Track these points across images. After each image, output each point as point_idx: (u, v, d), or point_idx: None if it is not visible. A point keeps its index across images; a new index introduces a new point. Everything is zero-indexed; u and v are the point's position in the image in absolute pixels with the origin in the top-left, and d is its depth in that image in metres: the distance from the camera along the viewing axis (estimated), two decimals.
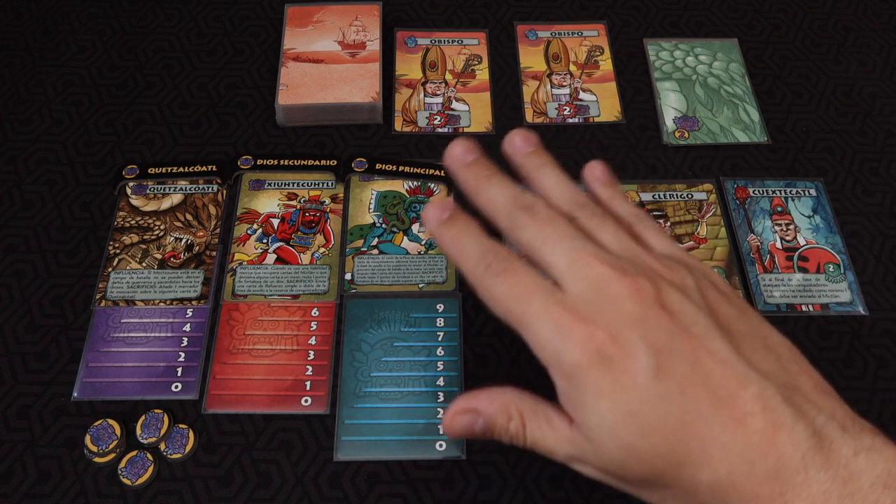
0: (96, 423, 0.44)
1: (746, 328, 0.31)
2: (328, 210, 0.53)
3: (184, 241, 0.52)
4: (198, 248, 0.51)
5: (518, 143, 0.37)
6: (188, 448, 0.44)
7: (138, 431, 0.44)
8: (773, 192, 0.54)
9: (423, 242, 0.52)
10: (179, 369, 0.47)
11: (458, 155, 0.36)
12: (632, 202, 0.36)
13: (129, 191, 0.54)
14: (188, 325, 0.48)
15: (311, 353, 0.47)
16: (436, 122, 0.58)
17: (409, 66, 0.61)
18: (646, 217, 0.35)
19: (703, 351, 0.29)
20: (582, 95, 0.59)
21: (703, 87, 0.60)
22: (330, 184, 0.54)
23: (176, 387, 0.46)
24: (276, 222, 0.53)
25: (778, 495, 0.27)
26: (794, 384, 0.29)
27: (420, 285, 0.50)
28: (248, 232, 0.52)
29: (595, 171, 0.37)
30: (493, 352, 0.48)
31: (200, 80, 0.60)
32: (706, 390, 0.28)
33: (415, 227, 0.52)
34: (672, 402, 0.28)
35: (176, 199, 0.54)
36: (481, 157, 0.36)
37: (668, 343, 0.29)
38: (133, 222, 0.52)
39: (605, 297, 0.29)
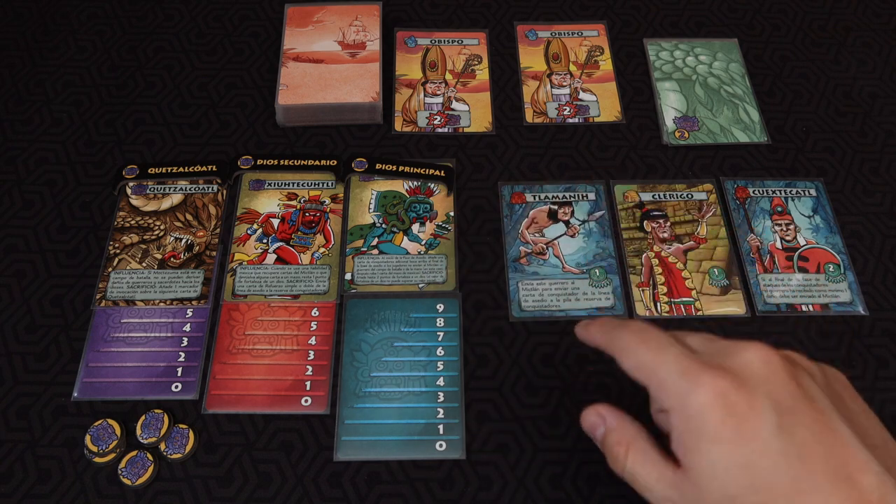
0: (96, 423, 0.44)
1: (869, 426, 0.32)
2: (328, 210, 0.53)
3: (184, 241, 0.52)
4: (198, 248, 0.51)
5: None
6: (188, 448, 0.44)
7: (138, 431, 0.44)
8: (773, 192, 0.54)
9: (423, 242, 0.52)
10: (179, 369, 0.47)
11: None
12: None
13: (129, 191, 0.54)
14: (188, 325, 0.48)
15: (311, 353, 0.47)
16: (436, 122, 0.58)
17: (409, 66, 0.61)
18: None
19: (826, 426, 0.29)
20: (582, 95, 0.59)
21: (703, 87, 0.60)
22: (330, 184, 0.54)
23: (176, 387, 0.46)
24: (276, 222, 0.53)
25: None
26: None
27: (420, 285, 0.50)
28: (248, 232, 0.52)
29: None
30: (493, 352, 0.48)
31: (200, 80, 0.60)
32: (825, 463, 0.28)
33: (415, 227, 0.52)
34: (790, 463, 0.28)
35: (176, 199, 0.54)
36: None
37: (793, 406, 0.29)
38: (133, 222, 0.52)
39: (736, 355, 0.31)
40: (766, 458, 0.29)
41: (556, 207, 0.53)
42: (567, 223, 0.53)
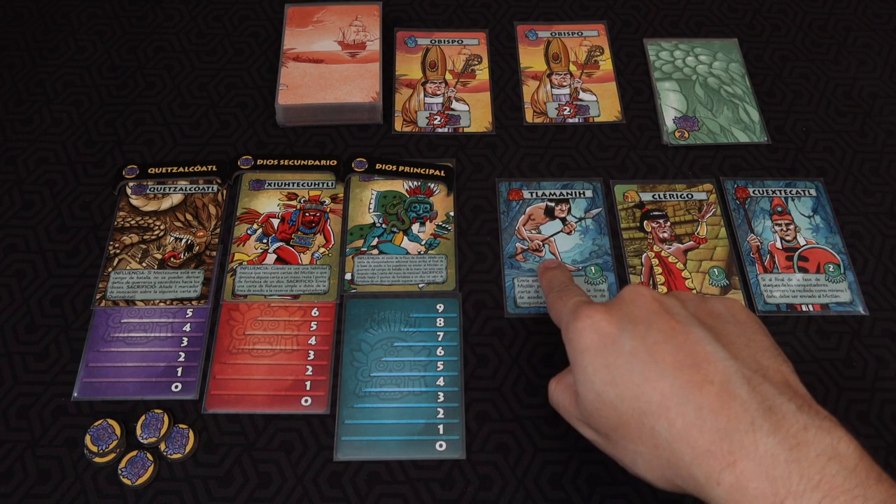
0: (96, 423, 0.44)
1: (735, 330, 0.36)
2: (328, 210, 0.53)
3: (184, 241, 0.52)
4: (198, 248, 0.51)
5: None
6: (188, 448, 0.44)
7: (138, 431, 0.44)
8: (773, 192, 0.54)
9: (423, 242, 0.52)
10: (179, 369, 0.47)
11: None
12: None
13: (129, 191, 0.54)
14: (188, 325, 0.48)
15: (311, 353, 0.47)
16: (436, 122, 0.58)
17: (409, 66, 0.61)
18: None
19: (680, 331, 0.34)
20: (582, 95, 0.59)
21: (703, 87, 0.60)
22: (330, 184, 0.54)
23: (176, 387, 0.46)
24: (276, 222, 0.53)
25: (727, 453, 0.30)
26: (761, 372, 0.33)
27: (420, 285, 0.50)
28: (248, 232, 0.52)
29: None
30: (493, 352, 0.48)
31: (200, 80, 0.60)
32: (674, 357, 0.33)
33: (415, 227, 0.52)
34: (640, 359, 0.34)
35: (176, 199, 0.54)
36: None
37: (650, 319, 0.35)
38: (133, 222, 0.52)
39: (617, 300, 0.38)
40: (620, 357, 0.35)
41: (553, 204, 0.53)
42: (564, 220, 0.53)
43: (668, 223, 0.53)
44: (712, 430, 0.31)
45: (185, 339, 0.48)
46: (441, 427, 0.45)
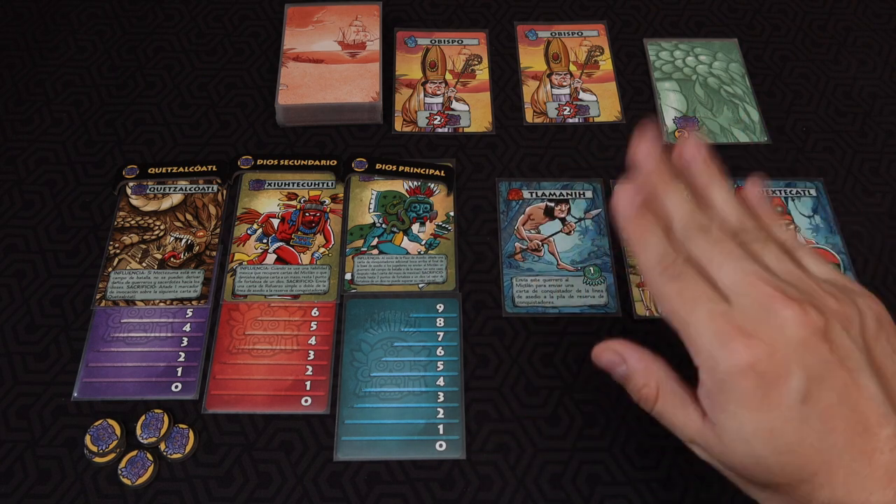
0: (96, 423, 0.44)
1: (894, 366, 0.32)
2: (328, 210, 0.53)
3: (184, 241, 0.52)
4: (198, 248, 0.51)
5: (691, 153, 0.37)
6: (188, 448, 0.44)
7: (138, 431, 0.44)
8: (773, 192, 0.54)
9: (423, 242, 0.52)
10: (179, 369, 0.47)
11: (641, 158, 0.36)
12: (789, 228, 0.37)
13: (129, 191, 0.54)
14: (188, 325, 0.48)
15: (311, 353, 0.47)
16: (436, 122, 0.58)
17: (409, 66, 0.61)
18: (803, 244, 0.36)
19: (852, 387, 0.30)
20: (582, 95, 0.59)
21: (703, 87, 0.60)
22: (330, 184, 0.54)
23: (176, 387, 0.46)
24: (276, 222, 0.53)
25: None
26: None
27: (420, 285, 0.50)
28: (248, 232, 0.52)
29: (754, 190, 0.38)
30: (493, 352, 0.48)
31: (200, 80, 0.60)
32: (847, 423, 0.30)
33: (415, 227, 0.52)
34: (812, 428, 0.30)
35: (176, 199, 0.54)
36: (662, 163, 0.36)
37: (823, 372, 0.30)
38: (133, 222, 0.52)
39: (770, 317, 0.31)
40: (789, 424, 0.30)
41: (552, 204, 0.53)
42: (563, 220, 0.53)
43: None
44: (877, 502, 0.29)
45: (185, 339, 0.48)
46: (441, 427, 0.45)
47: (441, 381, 0.46)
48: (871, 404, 0.30)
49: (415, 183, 0.54)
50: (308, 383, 0.46)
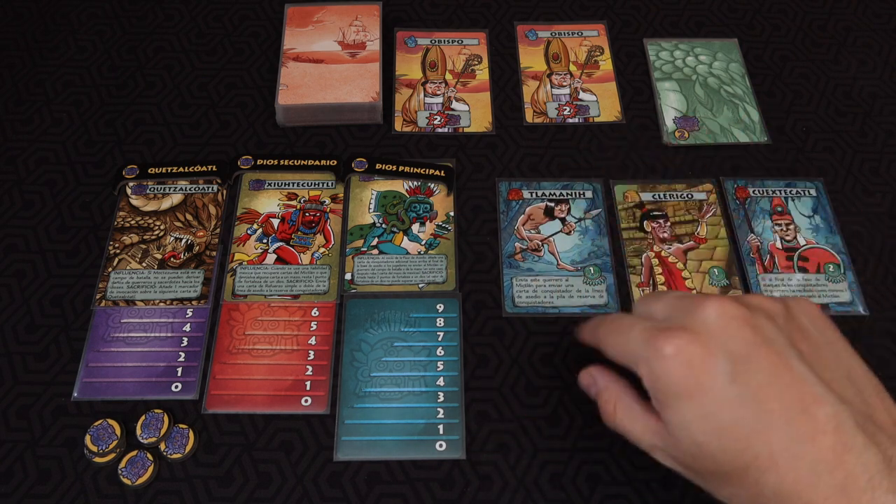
0: (96, 423, 0.44)
1: (830, 358, 0.33)
2: (328, 210, 0.53)
3: (184, 241, 0.52)
4: (198, 248, 0.51)
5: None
6: (188, 448, 0.44)
7: (138, 431, 0.44)
8: (773, 192, 0.54)
9: (423, 242, 0.52)
10: (179, 369, 0.47)
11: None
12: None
13: (129, 191, 0.54)
14: (188, 325, 0.48)
15: (311, 353, 0.47)
16: (436, 122, 0.58)
17: (409, 66, 0.61)
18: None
19: (781, 367, 0.31)
20: (582, 95, 0.59)
21: (703, 87, 0.60)
22: (330, 184, 0.54)
23: (176, 387, 0.46)
24: (276, 222, 0.53)
25: None
26: (870, 414, 0.31)
27: (420, 285, 0.50)
28: (248, 232, 0.52)
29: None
30: (493, 352, 0.48)
31: (200, 80, 0.60)
32: (781, 403, 0.31)
33: (415, 227, 0.52)
34: (746, 407, 0.31)
35: (176, 199, 0.54)
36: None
37: (748, 353, 0.31)
38: (133, 222, 0.52)
39: (693, 315, 0.33)
40: (723, 406, 0.31)
41: (552, 204, 0.53)
42: (563, 220, 0.53)
43: (669, 223, 0.53)
44: (828, 487, 0.29)
45: (185, 339, 0.48)
46: (441, 427, 0.45)
47: (441, 381, 0.46)
48: (804, 385, 0.31)
49: (415, 183, 0.54)
50: (308, 383, 0.46)
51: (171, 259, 0.51)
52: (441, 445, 0.44)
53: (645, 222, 0.53)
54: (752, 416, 0.31)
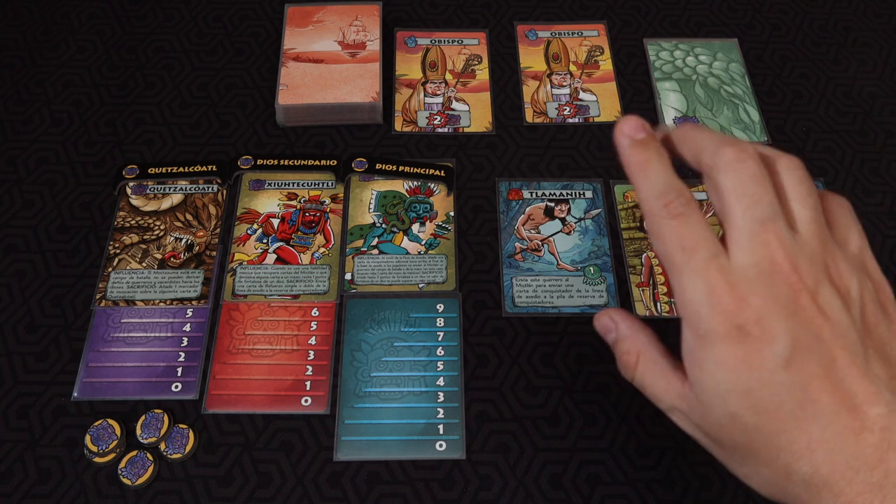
0: (96, 423, 0.44)
1: (891, 340, 0.31)
2: (328, 210, 0.53)
3: (184, 241, 0.52)
4: (198, 248, 0.51)
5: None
6: (188, 448, 0.44)
7: (138, 431, 0.44)
8: None
9: (423, 242, 0.52)
10: (179, 369, 0.47)
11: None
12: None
13: (129, 191, 0.54)
14: (188, 325, 0.48)
15: (311, 353, 0.47)
16: (436, 122, 0.58)
17: (409, 66, 0.61)
18: (851, 214, 0.34)
19: (841, 360, 0.29)
20: (582, 95, 0.59)
21: (703, 87, 0.60)
22: (330, 184, 0.54)
23: (176, 387, 0.46)
24: (276, 222, 0.53)
25: None
26: None
27: (420, 285, 0.50)
28: (248, 232, 0.52)
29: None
30: (493, 352, 0.48)
31: (200, 80, 0.60)
32: (831, 396, 0.29)
33: (415, 227, 0.52)
34: (791, 395, 0.29)
35: (176, 199, 0.54)
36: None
37: (809, 342, 0.29)
38: (133, 222, 0.52)
39: (767, 282, 0.29)
40: (767, 387, 0.29)
41: (552, 204, 0.53)
42: (563, 220, 0.53)
43: None
44: (863, 483, 0.28)
45: (185, 339, 0.48)
46: (441, 427, 0.45)
47: (441, 381, 0.46)
48: (861, 382, 0.29)
49: (415, 183, 0.54)
50: (308, 383, 0.46)
51: (171, 259, 0.51)
52: (441, 445, 0.44)
53: (645, 222, 0.53)
54: (798, 403, 0.29)
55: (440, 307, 0.49)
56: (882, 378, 0.30)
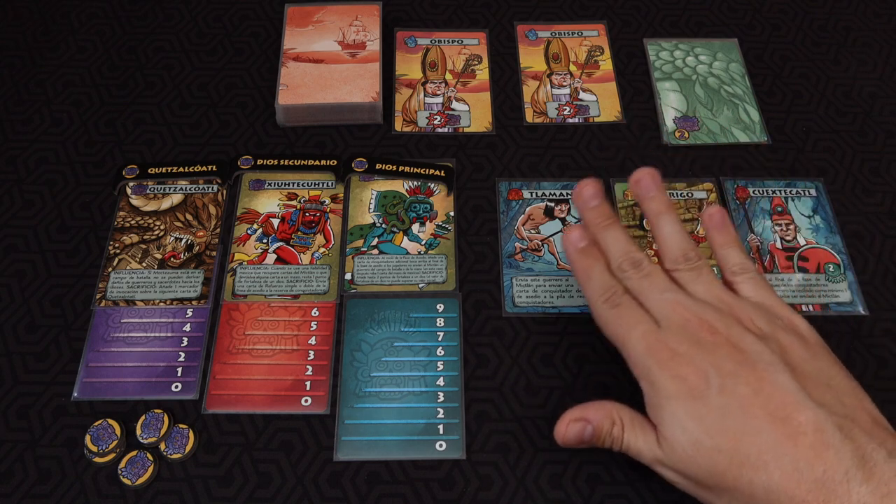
0: (96, 423, 0.44)
1: (813, 369, 0.37)
2: (328, 210, 0.53)
3: (184, 241, 0.52)
4: (198, 248, 0.51)
5: (644, 185, 0.43)
6: (188, 448, 0.44)
7: (138, 431, 0.44)
8: (773, 192, 0.54)
9: (423, 242, 0.52)
10: (179, 369, 0.47)
11: (586, 197, 0.43)
12: (742, 250, 0.42)
13: (129, 191, 0.54)
14: (188, 325, 0.48)
15: (311, 353, 0.47)
16: (436, 122, 0.58)
17: (409, 66, 0.61)
18: (750, 268, 0.42)
19: (766, 381, 0.35)
20: (582, 95, 0.59)
21: (703, 87, 0.60)
22: (330, 184, 0.54)
23: (176, 387, 0.46)
24: (276, 222, 0.53)
25: (823, 502, 0.32)
26: (849, 416, 0.34)
27: (420, 285, 0.50)
28: (248, 232, 0.52)
29: (714, 217, 0.43)
30: (493, 352, 0.48)
31: (200, 80, 0.60)
32: (765, 410, 0.34)
33: (415, 227, 0.52)
34: (733, 415, 0.35)
35: (176, 199, 0.54)
36: (604, 203, 0.43)
37: (735, 371, 0.36)
38: (133, 222, 0.52)
39: (688, 335, 0.37)
40: (713, 412, 0.35)
41: (552, 204, 0.53)
42: (563, 220, 0.53)
43: None
44: (809, 482, 0.33)
45: (185, 339, 0.48)
46: (441, 427, 0.45)
47: (441, 381, 0.46)
48: (786, 395, 0.35)
49: (415, 183, 0.54)
50: (308, 383, 0.46)
51: (171, 259, 0.51)
52: (441, 445, 0.44)
53: (645, 221, 0.53)
54: (739, 421, 0.34)
55: (440, 307, 0.49)
56: (804, 389, 0.35)
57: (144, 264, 0.50)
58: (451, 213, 0.53)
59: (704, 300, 0.39)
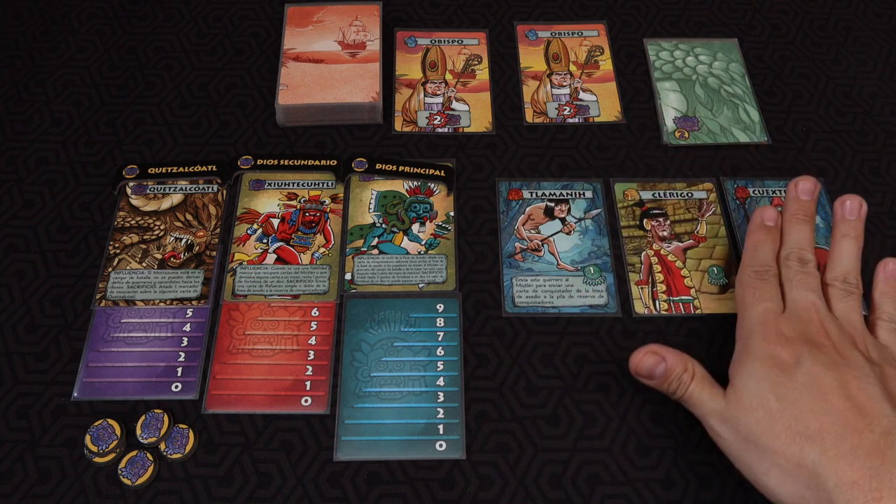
0: (96, 423, 0.44)
1: None
2: (328, 210, 0.53)
3: (184, 241, 0.52)
4: (198, 248, 0.51)
5: (849, 208, 0.46)
6: (188, 448, 0.44)
7: (138, 431, 0.44)
8: (773, 192, 0.54)
9: (423, 242, 0.52)
10: (179, 369, 0.47)
11: (801, 189, 0.47)
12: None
13: (129, 191, 0.54)
14: (188, 325, 0.48)
15: (311, 353, 0.47)
16: (436, 122, 0.58)
17: (409, 66, 0.61)
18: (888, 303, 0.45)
19: (853, 383, 0.37)
20: (582, 95, 0.59)
21: (703, 87, 0.60)
22: (330, 184, 0.54)
23: (176, 387, 0.46)
24: (276, 222, 0.53)
25: (874, 489, 0.34)
26: None
27: (420, 285, 0.50)
28: (248, 232, 0.52)
29: (888, 268, 0.46)
30: (493, 352, 0.48)
31: (200, 80, 0.60)
32: (841, 400, 0.37)
33: (415, 227, 0.52)
34: (810, 394, 0.37)
35: (176, 199, 0.54)
36: (813, 203, 0.47)
37: (828, 364, 0.38)
38: (133, 222, 0.52)
39: (803, 329, 0.40)
40: (791, 385, 0.38)
41: (552, 204, 0.53)
42: (563, 220, 0.53)
43: (668, 221, 0.53)
44: (864, 468, 0.35)
45: (185, 339, 0.48)
46: (441, 427, 0.45)
47: (441, 381, 0.46)
48: (870, 400, 0.37)
49: (415, 183, 0.54)
50: (308, 383, 0.46)
51: (171, 259, 0.51)
52: (441, 445, 0.44)
53: (644, 220, 0.53)
54: (814, 400, 0.37)
55: (440, 307, 0.49)
56: (890, 403, 0.37)
57: (144, 264, 0.50)
58: (451, 213, 0.53)
59: (839, 318, 0.42)
